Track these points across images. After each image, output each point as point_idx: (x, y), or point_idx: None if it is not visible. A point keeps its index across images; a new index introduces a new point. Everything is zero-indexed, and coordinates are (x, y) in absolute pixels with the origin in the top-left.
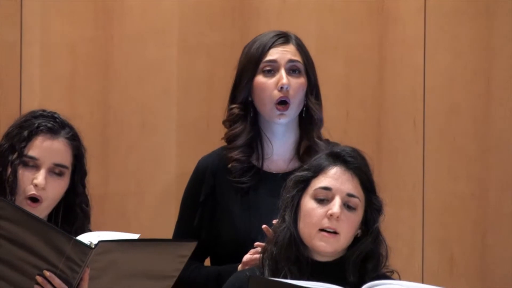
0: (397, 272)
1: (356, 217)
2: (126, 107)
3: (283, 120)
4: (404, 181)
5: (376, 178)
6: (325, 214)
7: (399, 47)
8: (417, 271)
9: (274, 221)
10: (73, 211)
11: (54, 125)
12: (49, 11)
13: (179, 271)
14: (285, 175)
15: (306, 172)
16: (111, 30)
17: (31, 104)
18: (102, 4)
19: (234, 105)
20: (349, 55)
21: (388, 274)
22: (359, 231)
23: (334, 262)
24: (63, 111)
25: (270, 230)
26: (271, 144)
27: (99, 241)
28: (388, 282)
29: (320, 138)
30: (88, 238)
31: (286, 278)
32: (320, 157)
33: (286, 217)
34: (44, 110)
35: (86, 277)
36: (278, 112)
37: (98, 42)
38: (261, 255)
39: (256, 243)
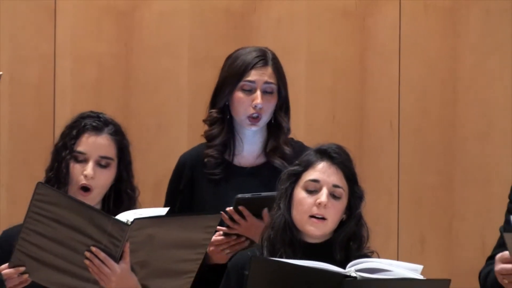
0: (377, 252)
1: (341, 205)
2: (144, 111)
3: (254, 128)
4: (382, 174)
5: (358, 171)
6: (314, 202)
7: (378, 59)
8: (393, 251)
9: (228, 209)
10: (120, 196)
11: (98, 123)
12: (79, 28)
13: (209, 240)
14: (253, 169)
15: (297, 167)
16: (131, 45)
17: (63, 108)
18: (123, 22)
19: (213, 110)
20: (335, 66)
21: (369, 254)
22: (344, 216)
23: (323, 244)
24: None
25: (226, 216)
26: (242, 143)
27: (135, 219)
28: (369, 260)
29: (286, 142)
30: (126, 216)
31: (282, 258)
32: (309, 154)
33: (281, 206)
34: (91, 111)
35: (127, 250)
36: (250, 123)
37: (120, 55)
38: (260, 238)
39: (218, 227)
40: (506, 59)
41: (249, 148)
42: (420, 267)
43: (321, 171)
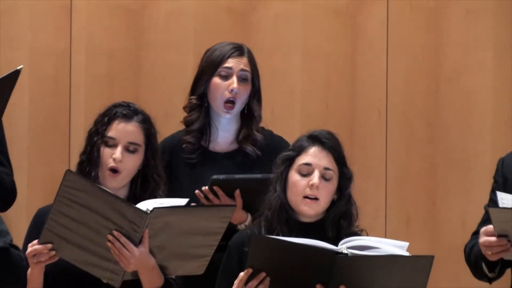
0: (366, 231)
1: (331, 186)
2: (153, 101)
3: (228, 116)
4: (371, 159)
5: (349, 156)
6: (307, 184)
7: (367, 54)
8: (381, 229)
9: (204, 188)
10: (147, 180)
11: (128, 112)
12: (93, 25)
13: (224, 228)
14: (226, 154)
15: (291, 152)
16: (140, 41)
17: (78, 99)
18: (133, 20)
19: (193, 97)
20: (328, 60)
21: (359, 232)
22: (335, 196)
23: (317, 223)
24: (103, 105)
25: (202, 195)
26: (217, 130)
27: (154, 208)
28: (360, 238)
29: (257, 129)
30: (146, 205)
31: (278, 236)
32: (301, 140)
33: (277, 188)
34: (123, 101)
35: (146, 235)
36: (225, 110)
37: (130, 50)
38: (258, 218)
39: (196, 191)
40: (485, 53)
41: (223, 135)
42: (406, 244)
43: (313, 155)
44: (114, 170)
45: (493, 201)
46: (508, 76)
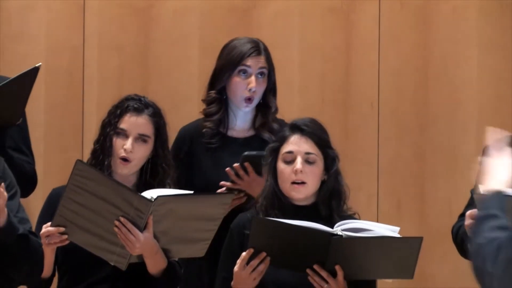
0: (358, 214)
1: (317, 168)
2: (160, 93)
3: (247, 109)
4: (364, 147)
5: (343, 145)
6: (292, 170)
7: (360, 49)
8: (373, 214)
9: (235, 165)
10: (156, 169)
11: (140, 105)
12: (104, 23)
13: (224, 214)
14: (244, 139)
15: (275, 143)
16: (149, 37)
17: (90, 91)
18: (142, 18)
19: (212, 91)
20: (323, 55)
21: (351, 214)
22: (324, 177)
23: (310, 205)
24: (114, 96)
25: (231, 172)
26: (236, 119)
27: (158, 196)
28: (354, 221)
29: (274, 119)
30: (151, 194)
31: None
32: (283, 130)
33: (269, 178)
34: (135, 95)
35: (150, 221)
36: (245, 105)
37: (139, 46)
38: (255, 205)
39: (222, 183)
40: (470, 49)
41: (241, 123)
42: (397, 228)
43: (293, 143)
44: (125, 159)
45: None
46: (491, 70)
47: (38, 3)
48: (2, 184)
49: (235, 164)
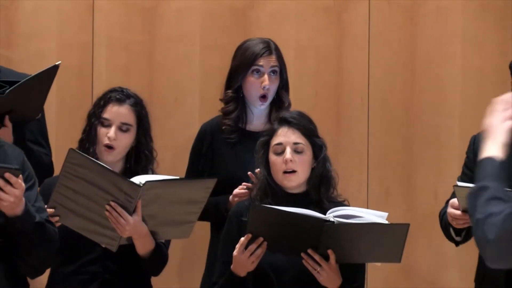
0: (347, 200)
1: (306, 156)
2: (164, 88)
3: (262, 107)
4: (355, 139)
5: (335, 136)
6: (283, 161)
7: (351, 46)
8: (363, 200)
9: (257, 171)
10: (139, 155)
11: (122, 96)
12: (112, 21)
13: (206, 197)
14: (261, 133)
15: (265, 137)
16: (154, 35)
17: (99, 86)
18: (148, 17)
19: (229, 91)
20: (317, 52)
21: (341, 200)
22: (314, 165)
23: (301, 192)
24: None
25: (254, 175)
26: (253, 114)
27: (146, 181)
28: (345, 208)
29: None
30: (139, 179)
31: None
32: (273, 124)
33: (262, 170)
34: (118, 87)
35: (139, 205)
36: (260, 103)
37: (145, 43)
38: (250, 194)
39: (243, 184)
40: (454, 46)
41: (258, 119)
42: (385, 214)
43: (282, 135)
44: (109, 147)
45: (464, 174)
46: (474, 66)
47: (50, 4)
48: (20, 175)
49: (257, 170)
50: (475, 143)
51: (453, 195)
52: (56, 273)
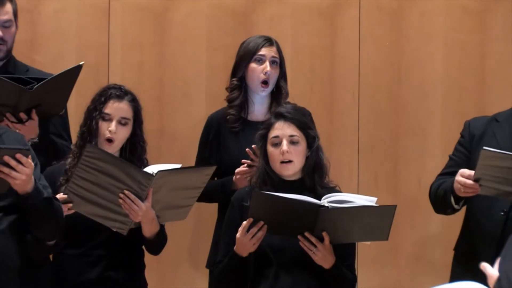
0: (339, 186)
1: (301, 147)
2: (174, 84)
3: (264, 93)
4: (346, 130)
5: (328, 128)
6: (280, 152)
7: (343, 47)
8: (354, 187)
9: (253, 146)
10: (134, 147)
11: (121, 93)
12: (127, 23)
13: (205, 183)
14: (262, 122)
15: (264, 130)
16: (164, 36)
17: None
18: (159, 20)
19: (234, 79)
20: (312, 52)
21: (332, 186)
22: (308, 154)
23: (297, 179)
24: (134, 89)
25: (251, 151)
26: (254, 104)
27: (158, 171)
28: (338, 194)
29: (285, 103)
30: (151, 169)
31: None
32: (270, 118)
33: (260, 160)
34: (115, 84)
35: (150, 193)
36: (262, 88)
37: (156, 44)
38: (250, 181)
39: (243, 160)
40: (436, 47)
41: (259, 108)
42: (374, 199)
43: (278, 128)
44: (109, 140)
45: (458, 151)
46: (455, 65)
47: (70, 7)
48: (30, 156)
49: (254, 146)
50: (471, 126)
51: (446, 169)
52: (64, 255)
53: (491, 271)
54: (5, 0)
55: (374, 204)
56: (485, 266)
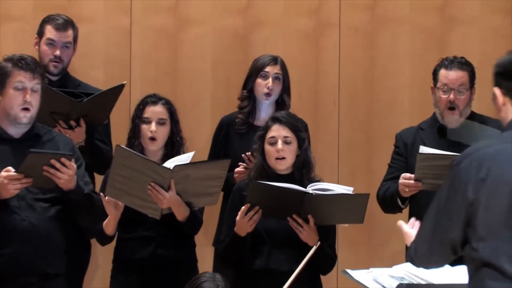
0: (322, 179)
1: (293, 147)
2: (184, 94)
3: (267, 102)
4: (328, 131)
5: (314, 130)
6: (275, 150)
7: (326, 62)
8: (334, 179)
9: (248, 154)
10: (173, 142)
11: (155, 99)
12: (145, 42)
13: (225, 174)
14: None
15: (262, 131)
16: (176, 53)
17: (136, 95)
18: (172, 39)
19: (244, 90)
20: (300, 67)
21: (317, 179)
22: (298, 153)
23: (288, 174)
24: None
25: (246, 157)
26: (260, 112)
27: (175, 165)
28: (321, 184)
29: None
30: (171, 164)
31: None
32: (268, 121)
33: (258, 156)
34: (151, 93)
35: (172, 184)
36: (265, 98)
37: (170, 60)
38: (249, 174)
39: (239, 163)
40: (404, 62)
41: (264, 115)
42: (351, 188)
43: (275, 130)
44: (152, 138)
45: (395, 159)
46: (419, 78)
47: (97, 29)
48: (73, 159)
49: (248, 153)
50: (401, 137)
51: (388, 176)
52: (119, 238)
53: (407, 229)
54: (68, 25)
55: (351, 193)
56: (401, 224)
